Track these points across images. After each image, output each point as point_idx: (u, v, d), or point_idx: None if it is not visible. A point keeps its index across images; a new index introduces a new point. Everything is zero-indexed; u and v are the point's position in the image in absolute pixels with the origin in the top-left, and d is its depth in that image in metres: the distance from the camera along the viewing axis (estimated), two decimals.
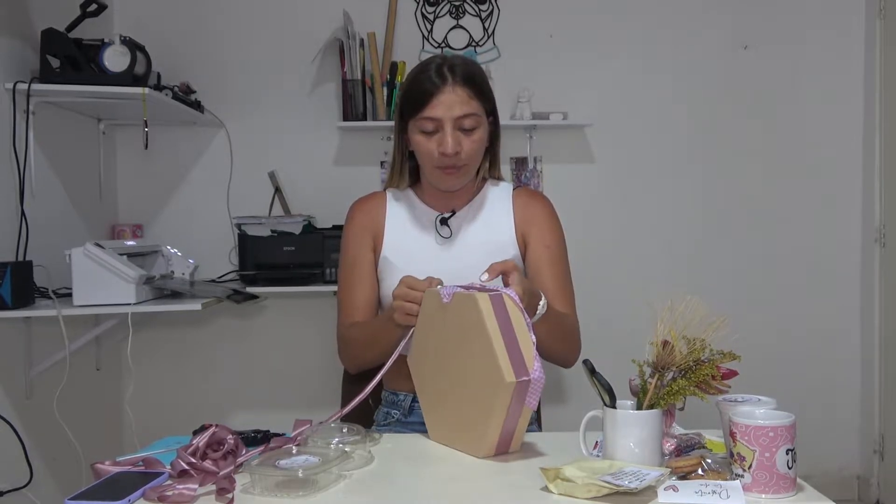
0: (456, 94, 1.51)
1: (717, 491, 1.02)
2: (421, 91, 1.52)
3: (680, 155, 3.15)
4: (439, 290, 1.31)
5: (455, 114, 1.50)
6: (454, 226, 1.64)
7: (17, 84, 2.24)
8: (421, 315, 1.36)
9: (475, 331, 1.22)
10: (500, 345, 1.19)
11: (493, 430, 1.21)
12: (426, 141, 1.54)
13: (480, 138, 1.55)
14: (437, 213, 1.65)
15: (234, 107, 3.04)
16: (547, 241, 1.63)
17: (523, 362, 1.20)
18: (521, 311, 1.25)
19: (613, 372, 1.21)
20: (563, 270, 1.64)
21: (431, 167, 1.56)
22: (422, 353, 1.38)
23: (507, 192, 1.68)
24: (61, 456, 2.43)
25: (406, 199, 1.68)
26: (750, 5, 3.13)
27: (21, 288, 2.11)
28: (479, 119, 1.54)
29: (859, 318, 3.19)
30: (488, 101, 1.58)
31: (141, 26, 2.86)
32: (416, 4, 3.09)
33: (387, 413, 1.67)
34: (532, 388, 1.20)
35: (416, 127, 1.54)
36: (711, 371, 1.14)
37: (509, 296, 1.25)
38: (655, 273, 3.12)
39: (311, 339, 3.07)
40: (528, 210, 1.65)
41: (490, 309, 1.21)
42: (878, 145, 3.09)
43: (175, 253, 2.51)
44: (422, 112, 1.51)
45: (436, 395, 1.35)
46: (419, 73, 1.55)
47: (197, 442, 1.17)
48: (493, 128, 1.62)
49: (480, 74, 1.57)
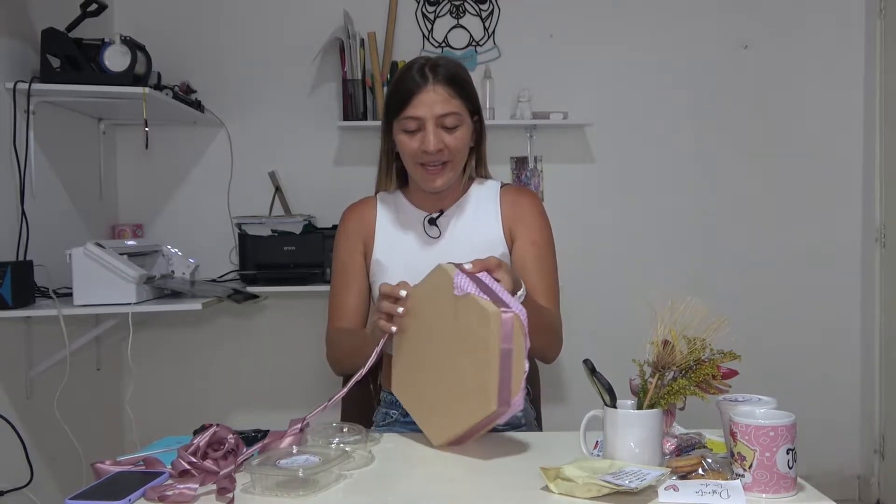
0: (437, 92, 1.53)
1: (718, 491, 1.02)
2: (403, 90, 1.54)
3: (680, 155, 3.15)
4: (454, 280, 1.26)
5: (436, 112, 1.52)
6: (442, 225, 1.65)
7: (17, 84, 2.24)
8: (426, 288, 1.34)
9: (479, 344, 1.21)
10: (496, 371, 1.19)
11: (455, 431, 1.27)
12: (409, 140, 1.55)
13: (463, 136, 1.57)
14: (425, 213, 1.66)
15: (235, 106, 3.04)
16: (534, 237, 1.63)
17: (509, 390, 1.22)
18: (526, 336, 1.23)
19: (614, 371, 1.21)
20: (550, 268, 1.64)
21: (415, 166, 1.58)
22: (404, 356, 1.37)
23: (495, 189, 1.69)
24: (61, 456, 2.43)
25: (395, 202, 1.69)
26: (750, 5, 3.13)
27: (21, 287, 2.11)
28: (461, 118, 1.56)
29: (860, 317, 3.19)
30: (471, 100, 1.59)
31: (141, 26, 2.86)
32: (417, 4, 3.09)
33: (385, 413, 1.67)
34: (504, 415, 1.24)
35: (400, 127, 1.56)
36: (712, 371, 1.14)
37: (520, 319, 1.22)
38: (655, 272, 3.12)
39: (311, 339, 3.06)
40: (516, 207, 1.66)
41: (499, 332, 1.19)
42: (879, 145, 3.08)
43: (175, 253, 2.51)
44: (404, 111, 1.54)
45: (424, 393, 1.35)
46: (402, 74, 1.58)
47: (198, 441, 1.17)
48: (478, 127, 1.63)
49: (463, 74, 1.59)
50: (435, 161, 1.55)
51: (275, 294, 2.93)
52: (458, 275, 1.27)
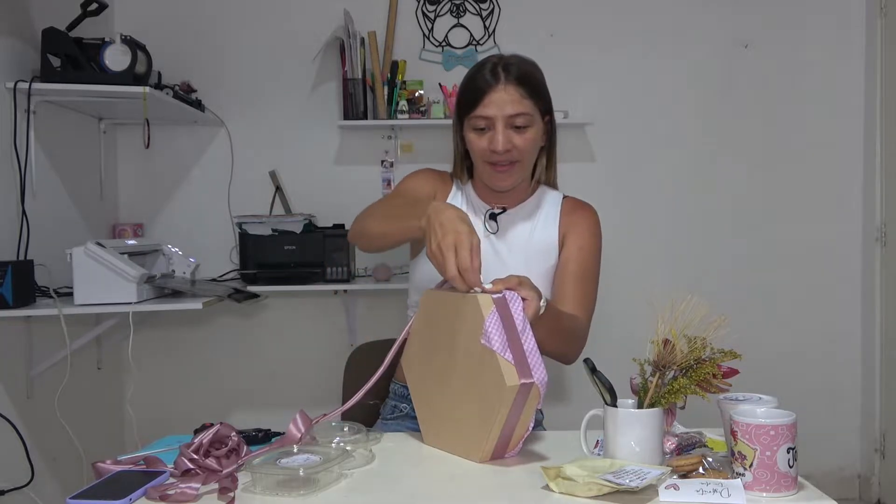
0: (508, 92, 1.52)
1: (718, 489, 1.02)
2: (475, 89, 1.53)
3: (680, 154, 3.15)
4: (484, 323, 1.18)
5: (507, 112, 1.51)
6: (502, 222, 1.65)
7: (17, 83, 2.25)
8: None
9: (489, 402, 1.18)
10: (495, 435, 1.18)
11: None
12: (478, 139, 1.55)
13: (533, 137, 1.56)
14: (488, 206, 1.66)
15: (235, 106, 3.05)
16: (581, 243, 1.63)
17: (505, 448, 1.21)
18: (540, 399, 1.19)
19: (614, 371, 1.21)
20: (590, 276, 1.63)
21: (483, 164, 1.58)
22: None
23: (558, 199, 1.69)
24: (62, 455, 2.43)
25: (464, 189, 1.69)
26: (750, 4, 3.13)
27: (22, 287, 2.11)
28: (532, 118, 1.55)
29: (860, 316, 3.19)
30: (543, 101, 1.58)
31: (141, 25, 2.86)
32: (417, 3, 3.09)
33: (395, 406, 1.67)
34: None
35: (470, 125, 1.56)
36: (712, 370, 1.14)
37: (537, 387, 1.18)
38: (656, 271, 3.12)
39: (311, 339, 3.07)
40: (573, 216, 1.66)
41: (511, 402, 1.16)
42: (879, 144, 3.08)
43: (176, 252, 2.51)
44: (475, 110, 1.53)
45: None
46: (475, 73, 1.56)
47: (200, 439, 1.17)
48: (549, 128, 1.62)
49: (536, 74, 1.58)
50: (503, 160, 1.54)
51: (275, 293, 2.93)
52: (490, 318, 1.19)
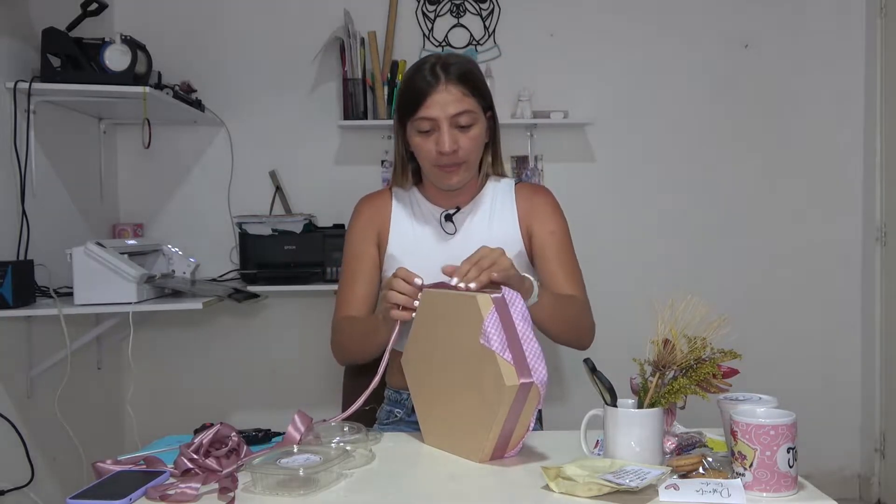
0: (450, 92, 1.50)
1: (718, 489, 1.02)
2: (415, 91, 1.52)
3: (680, 154, 3.15)
4: (483, 323, 1.19)
5: (450, 112, 1.50)
6: (458, 222, 1.65)
7: (17, 83, 2.25)
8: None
9: (488, 402, 1.18)
10: (495, 434, 1.18)
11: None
12: (424, 141, 1.54)
13: (478, 135, 1.56)
14: (441, 209, 1.65)
15: (235, 106, 3.04)
16: (551, 227, 1.64)
17: (505, 448, 1.21)
18: (541, 399, 1.19)
19: (614, 370, 1.21)
20: (569, 255, 1.65)
21: (431, 166, 1.57)
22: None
23: (510, 187, 1.69)
24: (62, 455, 2.43)
25: (410, 198, 1.69)
26: (751, 4, 3.13)
27: (22, 287, 2.11)
28: (476, 116, 1.54)
29: (860, 316, 3.19)
30: (484, 97, 1.57)
31: (141, 25, 2.86)
32: (417, 3, 3.09)
33: (389, 412, 1.67)
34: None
35: (414, 127, 1.54)
36: (712, 369, 1.14)
37: (537, 387, 1.18)
38: (656, 272, 3.12)
39: (311, 339, 3.07)
40: (531, 203, 1.66)
41: (510, 402, 1.16)
42: (879, 144, 3.08)
43: (176, 252, 2.51)
44: (417, 112, 1.52)
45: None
46: (414, 74, 1.55)
47: (200, 438, 1.17)
48: (492, 123, 1.62)
49: (475, 71, 1.57)
50: (452, 162, 1.54)
51: (275, 293, 2.93)
52: (489, 318, 1.19)
